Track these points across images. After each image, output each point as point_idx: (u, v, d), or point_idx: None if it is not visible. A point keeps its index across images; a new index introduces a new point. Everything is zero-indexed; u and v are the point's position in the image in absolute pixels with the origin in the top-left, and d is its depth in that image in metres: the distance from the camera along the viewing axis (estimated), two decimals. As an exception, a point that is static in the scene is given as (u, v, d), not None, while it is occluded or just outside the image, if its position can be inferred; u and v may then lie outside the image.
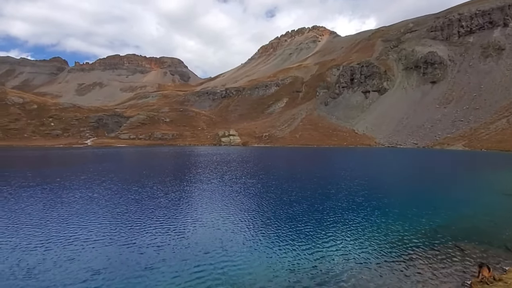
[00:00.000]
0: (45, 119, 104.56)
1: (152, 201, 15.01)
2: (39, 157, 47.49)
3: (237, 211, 12.98)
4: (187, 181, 22.13)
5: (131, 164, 40.42)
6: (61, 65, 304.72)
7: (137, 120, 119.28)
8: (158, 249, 8.48)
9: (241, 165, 35.04)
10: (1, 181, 21.35)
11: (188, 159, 44.72)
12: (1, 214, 12.32)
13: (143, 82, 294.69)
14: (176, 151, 67.59)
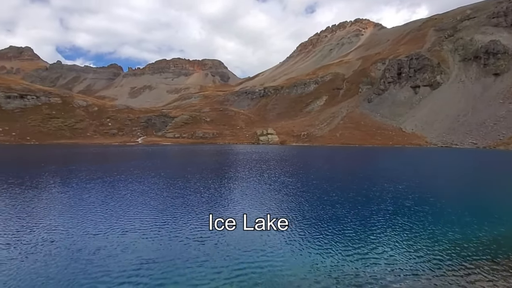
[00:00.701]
0: (104, 120, 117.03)
1: (196, 196, 15.80)
2: (99, 153, 53.32)
3: (277, 210, 12.95)
4: (228, 178, 22.84)
5: (177, 160, 43.13)
6: (117, 71, 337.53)
7: (181, 120, 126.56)
8: (200, 243, 8.80)
9: (279, 163, 35.02)
10: (70, 174, 24.50)
11: (228, 157, 46.16)
12: (68, 204, 14.18)
13: (187, 84, 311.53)
14: (216, 149, 70.22)
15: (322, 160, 46.41)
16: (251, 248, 8.56)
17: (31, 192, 16.69)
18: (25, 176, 22.69)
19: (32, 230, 10.06)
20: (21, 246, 8.65)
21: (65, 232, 9.83)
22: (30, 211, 12.79)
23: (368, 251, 8.43)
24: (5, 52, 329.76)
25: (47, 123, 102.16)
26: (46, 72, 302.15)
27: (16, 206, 13.56)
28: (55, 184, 19.38)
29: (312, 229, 10.34)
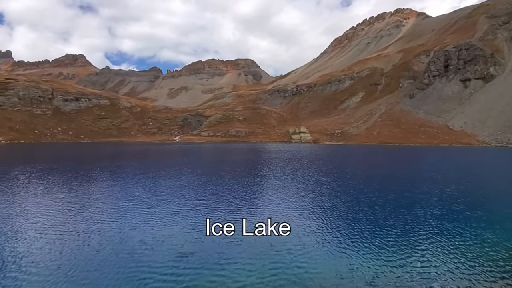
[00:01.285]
0: (145, 120, 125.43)
1: (230, 194, 16.24)
2: (141, 151, 57.33)
3: (311, 210, 12.77)
4: (261, 176, 23.07)
5: (211, 158, 44.66)
6: (157, 74, 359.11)
7: (215, 119, 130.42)
8: (234, 241, 8.96)
9: (313, 162, 34.41)
10: (117, 169, 26.75)
11: (260, 155, 46.55)
12: (115, 197, 15.53)
13: (221, 83, 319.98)
14: (249, 147, 71.17)
15: (358, 159, 44.54)
16: (283, 248, 8.43)
17: (85, 185, 18.64)
18: (81, 171, 25.39)
19: (84, 220, 11.28)
20: (73, 234, 9.76)
21: (110, 223, 10.84)
22: (83, 202, 14.33)
23: (411, 259, 7.78)
24: (62, 60, 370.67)
25: (97, 123, 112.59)
26: (96, 76, 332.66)
27: (72, 197, 15.28)
28: (104, 179, 21.38)
29: (349, 231, 10.00)
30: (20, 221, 10.98)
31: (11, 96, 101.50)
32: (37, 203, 13.94)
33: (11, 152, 51.48)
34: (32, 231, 9.86)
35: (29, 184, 18.75)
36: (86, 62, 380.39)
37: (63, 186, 18.43)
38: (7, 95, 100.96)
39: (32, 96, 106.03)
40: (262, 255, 7.94)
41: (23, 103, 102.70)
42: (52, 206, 13.42)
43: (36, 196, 15.57)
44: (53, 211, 12.56)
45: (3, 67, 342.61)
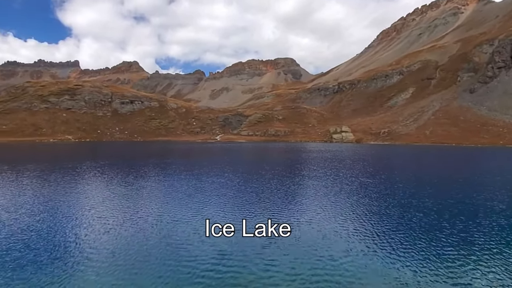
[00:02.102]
0: (190, 120, 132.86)
1: (271, 194, 16.45)
2: (186, 149, 60.95)
3: (355, 213, 12.30)
4: (301, 176, 22.91)
5: (251, 157, 45.59)
6: (200, 76, 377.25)
7: (254, 118, 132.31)
8: (274, 242, 8.99)
9: (356, 163, 32.96)
10: (166, 167, 28.96)
11: (300, 155, 46.04)
12: (162, 192, 16.87)
13: (260, 83, 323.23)
14: (288, 146, 70.79)
15: (409, 160, 41.32)
16: (325, 254, 8.23)
17: (138, 180, 20.63)
18: (135, 167, 28.14)
19: (134, 212, 12.58)
20: (126, 225, 10.95)
21: (158, 216, 11.89)
22: (135, 196, 15.94)
23: (471, 275, 6.82)
24: (119, 67, 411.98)
25: (148, 123, 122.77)
26: (147, 81, 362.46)
27: (127, 190, 17.07)
28: (154, 175, 23.37)
29: (397, 238, 9.29)
30: (82, 209, 12.73)
31: (79, 100, 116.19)
32: (98, 194, 15.95)
33: (79, 149, 59.00)
34: (91, 219, 11.38)
35: (93, 178, 21.46)
36: (139, 68, 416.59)
37: (120, 180, 20.70)
38: (75, 99, 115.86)
39: (95, 100, 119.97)
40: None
41: (88, 106, 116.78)
42: (110, 197, 15.23)
43: (97, 188, 17.81)
44: (111, 202, 14.26)
45: (72, 75, 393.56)
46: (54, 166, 28.49)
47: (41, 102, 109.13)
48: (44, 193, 15.90)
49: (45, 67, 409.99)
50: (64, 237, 9.32)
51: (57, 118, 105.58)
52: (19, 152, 49.56)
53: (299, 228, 10.22)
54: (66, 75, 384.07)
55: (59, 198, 14.70)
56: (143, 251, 8.22)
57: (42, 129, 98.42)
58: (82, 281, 6.60)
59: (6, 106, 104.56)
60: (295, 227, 10.25)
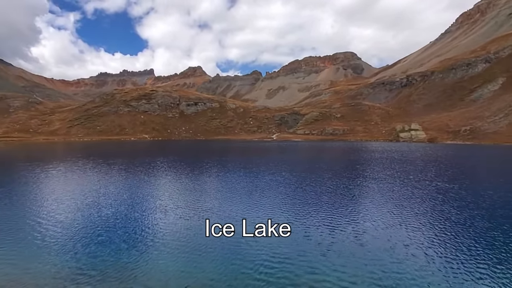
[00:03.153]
0: (247, 119, 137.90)
1: (331, 195, 16.27)
2: (243, 148, 63.69)
3: (429, 222, 11.04)
4: (364, 177, 21.68)
5: (308, 156, 45.07)
6: (257, 77, 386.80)
7: (311, 117, 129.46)
8: (336, 245, 8.84)
9: (430, 164, 29.51)
10: (223, 163, 31.03)
11: (361, 154, 43.44)
12: (219, 187, 18.23)
13: (317, 81, 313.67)
14: (347, 146, 67.32)
15: (499, 163, 35.01)
16: (388, 261, 8.01)
17: (201, 176, 22.75)
18: (198, 163, 30.97)
19: (193, 205, 14.02)
20: (184, 219, 12.32)
21: (213, 210, 13.04)
22: (197, 190, 17.68)
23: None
24: (185, 72, 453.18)
25: (210, 123, 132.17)
26: (209, 83, 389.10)
27: (190, 185, 19.04)
28: (215, 171, 25.37)
29: (480, 254, 8.27)
30: (153, 199, 14.83)
31: (153, 104, 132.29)
32: (168, 187, 18.29)
33: (153, 147, 67.39)
34: (161, 209, 13.20)
35: (164, 171, 24.55)
36: (202, 72, 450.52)
37: (185, 175, 23.20)
38: (151, 103, 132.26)
39: (166, 103, 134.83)
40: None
41: (161, 108, 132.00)
42: (175, 191, 17.31)
43: (167, 182, 20.37)
44: (176, 194, 16.22)
45: (148, 82, 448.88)
46: (135, 160, 33.59)
47: (125, 106, 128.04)
48: (125, 183, 19.10)
49: (128, 76, 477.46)
50: (136, 222, 11.25)
51: (136, 120, 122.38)
52: (110, 148, 59.39)
53: (364, 236, 9.67)
54: (144, 82, 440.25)
55: (136, 188, 17.50)
56: (202, 241, 9.39)
57: (126, 129, 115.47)
58: (151, 263, 7.98)
59: (99, 110, 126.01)
60: (360, 234, 9.76)
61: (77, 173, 23.42)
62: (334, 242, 8.90)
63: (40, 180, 20.27)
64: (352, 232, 9.95)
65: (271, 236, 9.57)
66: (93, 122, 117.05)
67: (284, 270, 7.24)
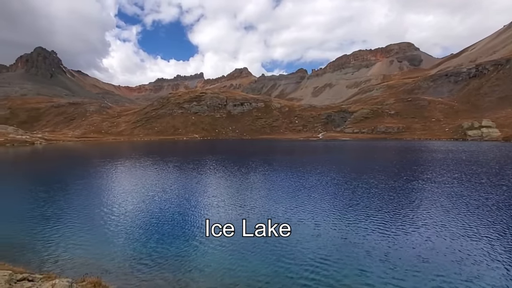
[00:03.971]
0: (292, 118, 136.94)
1: (385, 200, 15.60)
2: (289, 147, 63.69)
3: (509, 233, 9.91)
4: (426, 180, 19.76)
5: (357, 155, 43.09)
6: (302, 75, 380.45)
7: (361, 114, 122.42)
8: (392, 255, 8.55)
9: (508, 167, 25.69)
10: (267, 163, 31.67)
11: (420, 155, 39.71)
12: (263, 186, 18.79)
13: (367, 76, 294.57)
14: (403, 145, 62.08)
15: None
16: (445, 269, 7.70)
17: (247, 173, 23.74)
18: (245, 161, 32.24)
19: (242, 202, 14.78)
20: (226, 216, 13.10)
21: (264, 207, 13.59)
22: (244, 187, 18.55)
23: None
24: (232, 74, 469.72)
25: (255, 122, 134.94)
26: (255, 84, 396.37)
27: (236, 181, 20.05)
28: (261, 170, 26.17)
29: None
30: (202, 194, 16.09)
31: (203, 105, 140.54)
32: (217, 183, 19.59)
33: (202, 146, 71.84)
34: (211, 204, 14.29)
35: (212, 169, 26.25)
36: (248, 73, 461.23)
37: (232, 172, 24.48)
38: (201, 104, 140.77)
39: (214, 104, 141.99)
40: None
41: (209, 109, 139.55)
42: (222, 187, 18.45)
43: (215, 178, 21.79)
44: (225, 192, 17.32)
45: (198, 85, 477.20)
46: (187, 158, 36.55)
47: (178, 108, 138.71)
48: (179, 179, 21.08)
49: (181, 80, 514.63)
50: (189, 216, 12.49)
51: (188, 121, 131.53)
52: (166, 147, 65.32)
53: (425, 247, 9.00)
54: (194, 85, 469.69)
55: (189, 184, 19.20)
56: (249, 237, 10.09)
57: (179, 129, 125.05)
58: (204, 256, 8.93)
59: (157, 112, 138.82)
60: (421, 245, 8.98)
61: (140, 168, 26.67)
62: (389, 252, 8.40)
63: (111, 174, 23.72)
64: (411, 242, 9.16)
65: (319, 235, 9.83)
66: (151, 124, 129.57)
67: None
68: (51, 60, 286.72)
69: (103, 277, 6.75)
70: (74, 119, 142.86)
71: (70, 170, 26.95)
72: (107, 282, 6.47)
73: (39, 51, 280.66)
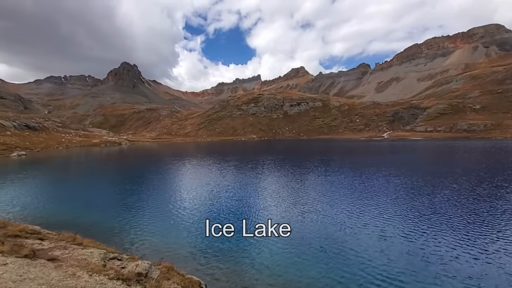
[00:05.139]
0: (353, 117, 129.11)
1: (474, 212, 13.84)
2: (348, 147, 60.35)
3: None
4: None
5: (433, 158, 38.25)
6: (364, 70, 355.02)
7: (435, 110, 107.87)
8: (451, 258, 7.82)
9: None
10: (325, 164, 30.62)
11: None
12: (323, 188, 18.24)
13: (444, 66, 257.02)
14: (494, 145, 52.23)
15: None
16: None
17: (305, 174, 23.46)
18: (303, 161, 31.91)
19: (301, 203, 14.65)
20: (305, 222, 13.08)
21: (324, 211, 13.27)
22: (298, 188, 18.37)
23: None
24: (288, 74, 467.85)
25: (312, 122, 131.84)
26: (312, 83, 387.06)
27: (295, 184, 19.96)
28: (320, 171, 25.55)
29: None
30: (259, 193, 16.47)
31: (260, 107, 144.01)
32: (275, 183, 19.91)
33: (260, 146, 73.67)
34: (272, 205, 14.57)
35: (271, 169, 26.74)
36: (305, 72, 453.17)
37: (290, 173, 24.53)
38: (258, 106, 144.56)
39: (271, 105, 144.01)
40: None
41: (266, 110, 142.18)
42: (283, 186, 18.62)
43: (274, 179, 22.14)
44: (284, 190, 17.48)
45: (256, 86, 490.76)
46: (246, 158, 38.12)
47: (237, 110, 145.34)
48: (238, 177, 22.15)
49: (239, 83, 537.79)
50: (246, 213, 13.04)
51: (246, 122, 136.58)
52: (226, 147, 69.26)
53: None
54: (252, 88, 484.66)
55: (248, 182, 20.02)
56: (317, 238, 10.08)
57: (237, 130, 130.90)
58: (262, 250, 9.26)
59: (218, 115, 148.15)
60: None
61: (204, 166, 29.08)
62: (479, 274, 7.47)
63: (180, 171, 26.52)
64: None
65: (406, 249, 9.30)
66: (213, 125, 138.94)
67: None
68: (133, 73, 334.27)
69: (174, 263, 7.76)
70: (150, 122, 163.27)
71: (148, 166, 31.20)
72: (178, 268, 7.42)
73: (125, 66, 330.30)
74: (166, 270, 7.08)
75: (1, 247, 5.81)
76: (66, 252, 6.44)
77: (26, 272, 4.65)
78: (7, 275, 4.33)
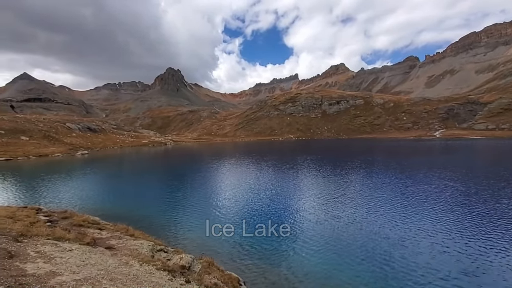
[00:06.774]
0: (399, 115, 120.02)
1: None
2: (395, 147, 56.28)
3: None
4: None
5: (497, 158, 33.82)
6: (412, 63, 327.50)
7: (498, 105, 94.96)
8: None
9: None
10: (370, 164, 28.94)
11: None
12: (364, 191, 17.26)
13: (508, 55, 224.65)
14: None
15: None
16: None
17: (345, 175, 22.52)
18: (341, 162, 30.67)
19: (339, 206, 14.05)
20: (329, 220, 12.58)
21: (361, 214, 12.59)
22: (336, 189, 17.64)
23: None
24: (327, 71, 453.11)
25: (353, 121, 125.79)
26: (353, 80, 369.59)
27: (332, 183, 19.24)
28: (359, 172, 24.30)
29: None
30: (298, 194, 16.18)
31: (298, 106, 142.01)
32: (313, 184, 19.42)
33: (297, 146, 72.67)
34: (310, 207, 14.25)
35: (308, 169, 26.18)
36: (345, 68, 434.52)
37: (329, 173, 23.74)
38: (295, 105, 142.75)
39: (309, 104, 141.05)
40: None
41: (304, 110, 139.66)
42: (320, 188, 18.08)
43: (311, 179, 21.62)
44: (320, 190, 16.98)
45: (293, 86, 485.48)
46: (283, 158, 37.95)
47: (274, 110, 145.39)
48: (277, 177, 22.12)
49: (277, 83, 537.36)
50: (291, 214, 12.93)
51: (283, 122, 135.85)
52: (264, 147, 69.73)
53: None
54: (289, 87, 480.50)
55: (287, 184, 19.90)
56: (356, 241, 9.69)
57: (275, 130, 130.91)
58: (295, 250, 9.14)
59: (256, 115, 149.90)
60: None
61: (243, 166, 29.71)
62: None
63: (220, 170, 27.49)
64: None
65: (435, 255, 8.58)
66: (251, 125, 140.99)
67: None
68: (177, 77, 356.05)
69: (214, 258, 8.11)
70: (192, 124, 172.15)
71: (191, 165, 33.04)
72: (218, 263, 7.75)
73: (169, 71, 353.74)
74: (207, 264, 7.44)
75: (68, 235, 6.69)
76: (121, 242, 7.16)
77: (87, 258, 5.30)
78: (72, 260, 4.99)
